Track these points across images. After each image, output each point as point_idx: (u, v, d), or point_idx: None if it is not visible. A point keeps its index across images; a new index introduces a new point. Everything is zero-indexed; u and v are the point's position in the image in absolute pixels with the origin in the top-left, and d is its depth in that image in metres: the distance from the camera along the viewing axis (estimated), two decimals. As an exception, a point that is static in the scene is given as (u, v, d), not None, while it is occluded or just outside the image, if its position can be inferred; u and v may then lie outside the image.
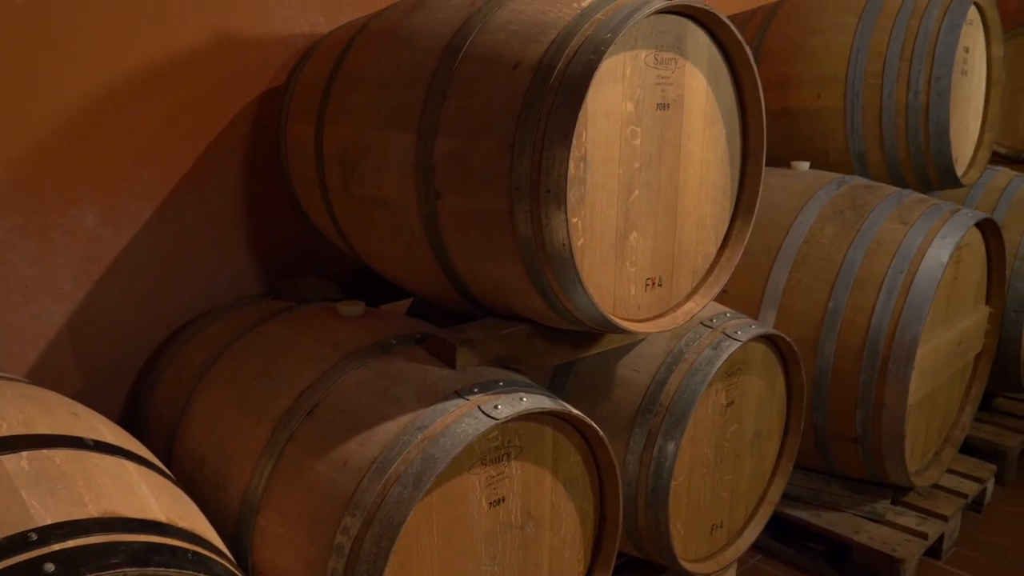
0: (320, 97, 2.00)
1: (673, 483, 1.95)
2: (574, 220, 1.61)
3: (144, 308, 2.21)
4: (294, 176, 2.16)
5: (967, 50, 2.94)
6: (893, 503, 2.77)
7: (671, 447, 1.93)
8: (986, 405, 3.59)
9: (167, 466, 1.83)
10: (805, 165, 2.92)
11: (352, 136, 1.86)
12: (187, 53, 2.15)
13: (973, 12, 2.93)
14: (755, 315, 2.61)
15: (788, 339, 2.18)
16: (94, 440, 1.35)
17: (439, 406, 1.56)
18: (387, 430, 1.54)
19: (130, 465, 1.34)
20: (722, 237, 1.97)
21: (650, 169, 1.74)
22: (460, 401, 1.56)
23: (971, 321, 2.86)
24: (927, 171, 2.94)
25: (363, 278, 2.34)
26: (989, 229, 2.79)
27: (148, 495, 1.27)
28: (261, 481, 1.62)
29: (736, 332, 2.05)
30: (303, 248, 2.52)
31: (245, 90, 2.31)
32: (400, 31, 1.84)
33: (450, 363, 1.69)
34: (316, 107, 2.00)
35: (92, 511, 1.14)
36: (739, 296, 2.64)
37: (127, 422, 2.18)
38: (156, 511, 1.23)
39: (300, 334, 1.90)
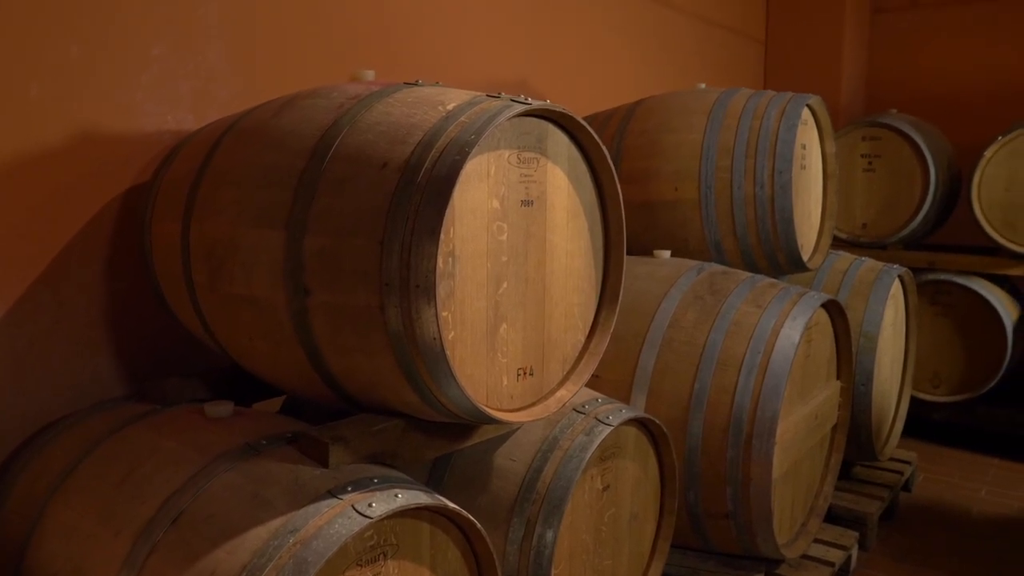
0: (187, 194, 1.98)
1: (554, 572, 1.95)
2: (444, 314, 1.65)
3: (-8, 417, 2.07)
4: (159, 274, 2.11)
5: (804, 147, 3.22)
6: (767, 576, 2.87)
7: (550, 535, 1.94)
8: (845, 474, 3.80)
9: (14, 589, 1.70)
10: (666, 253, 3.09)
11: (220, 233, 1.85)
12: (46, 148, 2.09)
13: (807, 113, 3.24)
14: (627, 398, 2.69)
15: (657, 421, 2.25)
16: (-71, 566, 1.25)
17: (311, 507, 1.52)
18: (257, 535, 1.49)
19: (-30, 591, 1.24)
20: (590, 325, 2.05)
21: (517, 262, 1.80)
22: (333, 501, 1.53)
23: (825, 395, 3.05)
24: (777, 257, 3.17)
25: (233, 377, 2.28)
26: (834, 309, 3.01)
27: (-10, 623, 1.18)
28: (120, 599, 1.52)
29: (608, 417, 2.11)
30: (169, 348, 2.43)
31: (108, 187, 2.26)
32: (269, 130, 1.87)
33: (323, 462, 1.66)
34: (183, 204, 1.98)
35: (-76, 646, 1.05)
36: (611, 380, 2.72)
37: (-31, 542, 2.01)
38: (-1, 641, 1.14)
39: (165, 438, 1.82)
